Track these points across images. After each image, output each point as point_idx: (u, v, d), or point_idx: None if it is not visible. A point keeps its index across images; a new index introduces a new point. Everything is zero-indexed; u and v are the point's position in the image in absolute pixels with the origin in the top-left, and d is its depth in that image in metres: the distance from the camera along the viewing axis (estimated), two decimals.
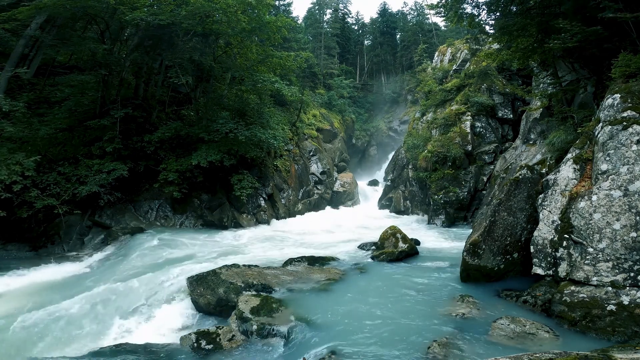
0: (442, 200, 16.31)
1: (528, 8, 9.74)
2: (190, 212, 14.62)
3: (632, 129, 5.76)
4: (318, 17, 44.23)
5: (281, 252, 11.00)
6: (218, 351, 5.36)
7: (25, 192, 10.74)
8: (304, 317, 5.90)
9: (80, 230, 12.38)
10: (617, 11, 7.16)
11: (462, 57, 22.59)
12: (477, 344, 4.97)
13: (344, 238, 13.27)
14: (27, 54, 12.96)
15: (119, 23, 13.91)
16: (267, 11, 16.32)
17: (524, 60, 11.41)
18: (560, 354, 3.46)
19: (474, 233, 7.74)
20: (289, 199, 19.37)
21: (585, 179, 6.35)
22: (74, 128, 13.23)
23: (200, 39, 15.75)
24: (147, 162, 14.14)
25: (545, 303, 5.96)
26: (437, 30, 43.22)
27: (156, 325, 6.60)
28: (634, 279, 5.26)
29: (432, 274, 8.33)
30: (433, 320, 5.72)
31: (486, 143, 17.58)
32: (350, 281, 7.85)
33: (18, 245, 11.43)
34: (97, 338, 6.24)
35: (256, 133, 14.75)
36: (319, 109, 29.65)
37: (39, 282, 8.83)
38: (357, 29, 53.43)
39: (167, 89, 17.05)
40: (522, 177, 7.68)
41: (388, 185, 23.58)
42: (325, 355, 4.77)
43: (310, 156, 23.99)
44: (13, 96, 11.60)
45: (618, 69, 6.82)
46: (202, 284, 7.21)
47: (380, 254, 9.76)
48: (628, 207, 5.50)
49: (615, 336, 4.98)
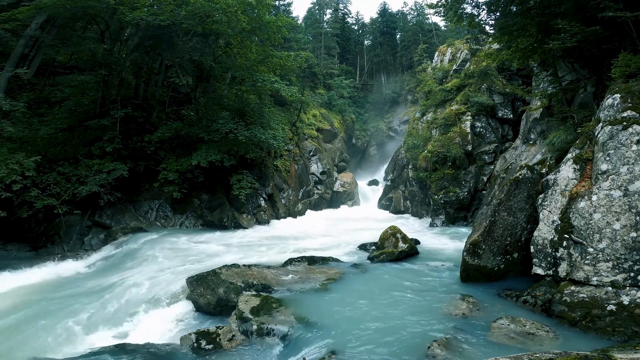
0: (442, 200, 16.31)
1: (528, 8, 9.73)
2: (190, 212, 14.62)
3: (632, 129, 5.76)
4: (318, 17, 44.23)
5: (281, 252, 11.00)
6: (218, 351, 5.36)
7: (25, 192, 10.74)
8: (304, 317, 5.90)
9: (80, 230, 12.38)
10: (617, 11, 7.15)
11: (462, 57, 22.58)
12: (477, 344, 4.97)
13: (343, 238, 13.26)
14: (27, 54, 12.96)
15: (119, 23, 13.91)
16: (267, 11, 16.32)
17: (524, 60, 11.41)
18: (560, 354, 3.46)
19: (474, 233, 7.74)
20: (289, 199, 19.37)
21: (585, 179, 6.35)
22: (74, 128, 13.23)
23: (200, 39, 15.75)
24: (147, 162, 14.14)
25: (545, 303, 5.95)
26: (437, 30, 43.21)
27: (156, 325, 6.60)
28: (634, 279, 5.26)
29: (432, 273, 8.33)
30: (433, 320, 5.72)
31: (486, 143, 17.58)
32: (350, 281, 7.85)
33: (18, 245, 11.44)
34: (97, 338, 6.24)
35: (256, 133, 14.75)
36: (319, 109, 29.65)
37: (39, 282, 8.83)
38: (357, 29, 53.42)
39: (167, 89, 17.06)
40: (522, 177, 7.68)
41: (388, 185, 23.59)
42: (325, 355, 4.77)
43: (310, 156, 23.99)
44: (13, 96, 11.61)
45: (618, 69, 6.82)
46: (202, 284, 7.21)
47: (380, 254, 9.76)
48: (628, 207, 5.49)
49: (615, 336, 4.98)
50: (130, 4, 12.66)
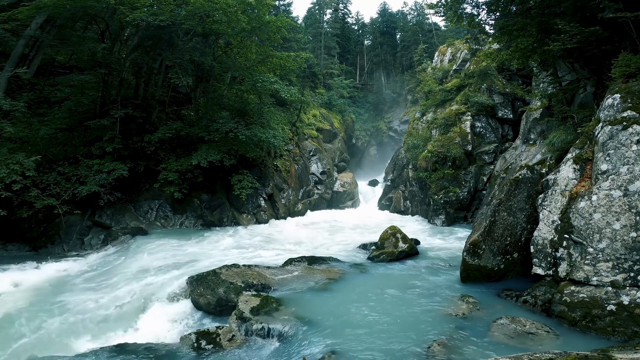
0: (442, 200, 16.31)
1: (528, 8, 9.73)
2: (190, 212, 14.62)
3: (632, 129, 5.76)
4: (318, 17, 44.19)
5: (281, 252, 11.00)
6: (218, 351, 5.36)
7: (25, 192, 10.74)
8: (304, 316, 5.90)
9: (80, 230, 12.37)
10: (617, 11, 7.15)
11: (462, 57, 22.59)
12: (477, 343, 4.97)
13: (344, 238, 13.27)
14: (27, 54, 12.97)
15: (119, 23, 13.92)
16: (267, 11, 16.31)
17: (524, 60, 11.40)
18: (560, 354, 3.46)
19: (474, 233, 7.74)
20: (289, 199, 19.36)
21: (585, 179, 6.35)
22: (74, 128, 13.23)
23: (200, 39, 15.75)
24: (147, 162, 14.14)
25: (545, 303, 5.96)
26: (437, 30, 43.20)
27: (156, 325, 6.60)
28: (634, 279, 5.26)
29: (432, 274, 8.34)
30: (433, 320, 5.72)
31: (486, 143, 17.58)
32: (350, 281, 7.85)
33: (18, 245, 11.43)
34: (98, 338, 6.25)
35: (256, 133, 14.76)
36: (319, 109, 29.64)
37: (39, 281, 8.81)
38: (357, 29, 53.38)
39: (167, 89, 17.06)
40: (522, 177, 7.68)
41: (388, 186, 23.58)
42: (325, 354, 4.77)
43: (310, 156, 23.99)
44: (13, 96, 11.61)
45: (618, 69, 6.82)
46: (202, 283, 7.21)
47: (380, 254, 9.76)
48: (628, 207, 5.50)
49: (615, 336, 4.99)
50: (130, 4, 12.66)
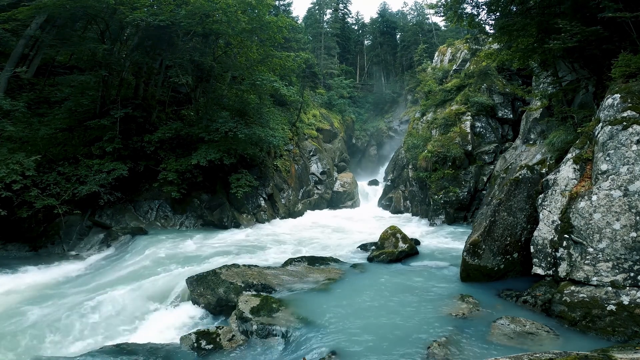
0: (442, 200, 16.30)
1: (528, 8, 9.73)
2: (190, 212, 14.62)
3: (632, 129, 5.76)
4: (318, 17, 44.20)
5: (281, 252, 11.00)
6: (218, 351, 5.35)
7: (25, 192, 10.74)
8: (304, 317, 5.89)
9: (80, 230, 12.37)
10: (617, 11, 7.15)
11: (462, 57, 22.59)
12: (477, 343, 4.97)
13: (343, 238, 13.27)
14: (27, 54, 12.98)
15: (119, 23, 13.92)
16: (267, 11, 16.32)
17: (524, 60, 11.40)
18: (560, 354, 3.46)
19: (474, 233, 7.74)
20: (289, 199, 19.37)
21: (585, 179, 6.35)
22: (74, 128, 13.23)
23: (200, 39, 15.76)
24: (147, 162, 14.15)
25: (545, 303, 5.95)
26: (437, 30, 43.18)
27: (156, 325, 6.60)
28: (634, 279, 5.26)
29: (432, 273, 8.33)
30: (433, 320, 5.71)
31: (486, 143, 17.57)
32: (350, 281, 7.84)
33: (18, 245, 11.42)
34: (97, 337, 6.24)
35: (255, 131, 14.80)
36: (319, 109, 29.65)
37: (39, 281, 8.82)
38: (357, 29, 53.38)
39: (167, 89, 17.06)
40: (522, 177, 7.68)
41: (388, 185, 23.58)
42: (325, 355, 4.76)
43: (310, 156, 23.99)
44: (13, 96, 11.61)
45: (618, 69, 6.81)
46: (202, 284, 7.21)
47: (380, 254, 9.76)
48: (628, 207, 5.49)
49: (615, 336, 4.98)
50: (130, 4, 12.67)
